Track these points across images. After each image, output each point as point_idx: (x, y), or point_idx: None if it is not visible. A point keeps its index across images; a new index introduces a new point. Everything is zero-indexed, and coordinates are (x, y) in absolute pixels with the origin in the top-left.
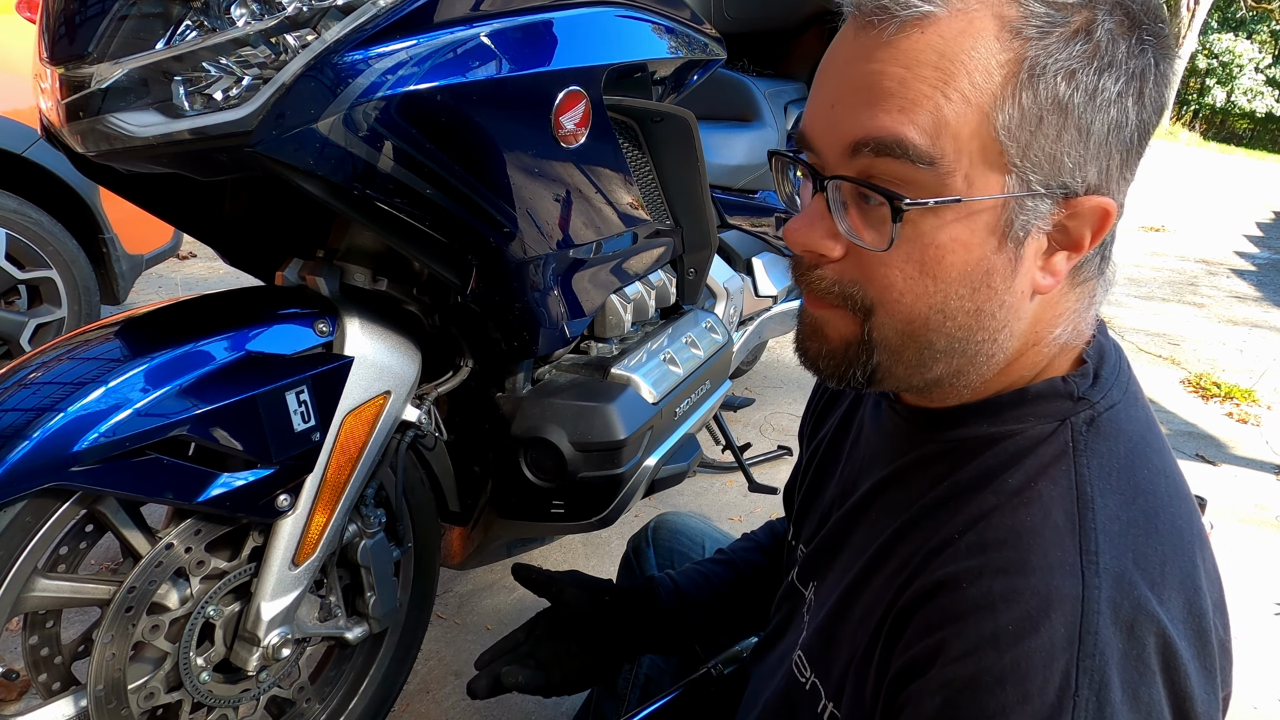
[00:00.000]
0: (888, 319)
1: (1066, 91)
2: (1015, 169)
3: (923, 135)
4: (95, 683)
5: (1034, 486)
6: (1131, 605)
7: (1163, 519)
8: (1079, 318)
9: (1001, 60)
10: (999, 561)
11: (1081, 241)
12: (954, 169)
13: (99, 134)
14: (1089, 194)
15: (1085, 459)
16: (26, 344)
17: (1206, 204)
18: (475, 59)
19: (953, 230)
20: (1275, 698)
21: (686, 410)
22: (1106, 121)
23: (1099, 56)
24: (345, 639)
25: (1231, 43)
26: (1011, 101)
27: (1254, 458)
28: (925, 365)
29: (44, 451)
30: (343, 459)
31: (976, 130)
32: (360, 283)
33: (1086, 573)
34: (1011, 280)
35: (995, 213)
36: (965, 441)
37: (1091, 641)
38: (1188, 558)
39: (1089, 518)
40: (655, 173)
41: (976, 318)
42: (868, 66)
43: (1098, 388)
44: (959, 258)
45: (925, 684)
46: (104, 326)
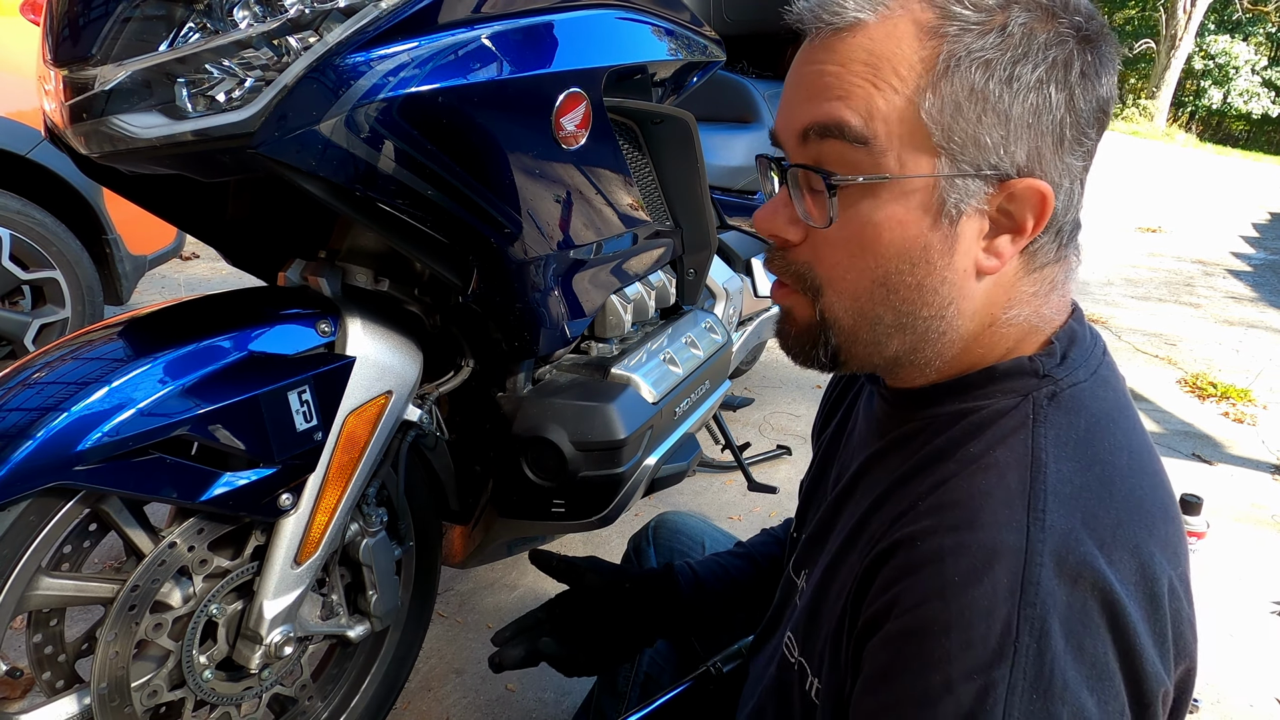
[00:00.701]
0: (836, 297)
1: (982, 80)
2: (943, 151)
3: (856, 118)
4: (99, 681)
5: (991, 454)
6: (1076, 560)
7: (1119, 487)
8: (1038, 301)
9: (922, 55)
10: (951, 520)
11: (1024, 225)
12: (886, 149)
13: (102, 135)
14: (1021, 176)
15: (1043, 429)
16: (30, 344)
17: (1203, 205)
18: (476, 61)
19: (889, 209)
20: (1272, 696)
21: (686, 410)
22: (1026, 106)
23: (1013, 48)
24: (347, 637)
25: (1228, 44)
26: (933, 90)
27: (1250, 457)
28: (879, 342)
29: (48, 451)
30: (345, 458)
31: (904, 116)
32: (362, 283)
33: (1032, 528)
34: (950, 257)
35: (927, 192)
36: (937, 417)
37: (1033, 591)
38: (1144, 526)
39: (1040, 480)
40: (655, 174)
41: (919, 293)
42: (812, 68)
43: (1064, 367)
44: (896, 234)
45: (882, 637)
46: (107, 327)
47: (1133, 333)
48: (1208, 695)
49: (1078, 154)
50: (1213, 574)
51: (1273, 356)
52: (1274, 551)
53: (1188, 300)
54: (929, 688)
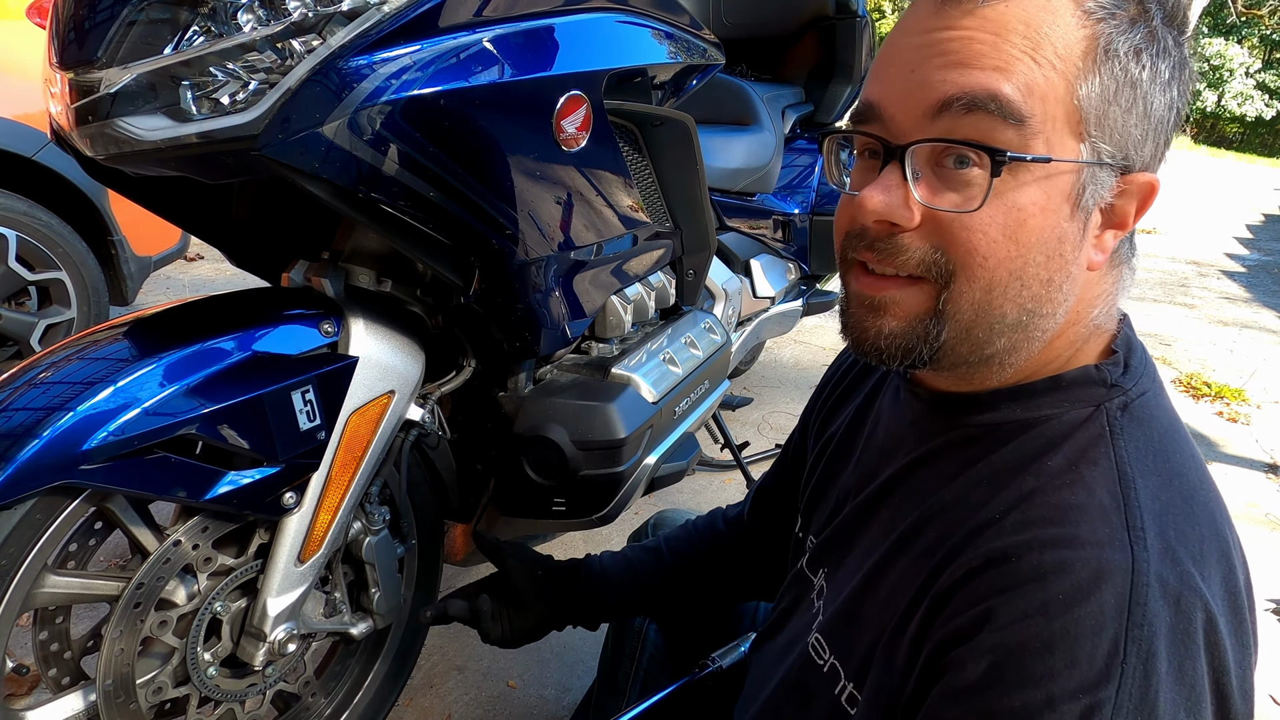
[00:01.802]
0: (968, 286)
1: (1136, 70)
2: (1090, 138)
3: (1016, 92)
4: (104, 677)
5: (1076, 469)
6: (1178, 579)
7: (1198, 500)
8: (1111, 300)
9: (1080, 35)
10: (1048, 536)
11: (1127, 219)
12: (1039, 130)
13: (108, 138)
14: (1142, 170)
15: (1122, 442)
16: (36, 344)
17: (1197, 207)
18: (478, 64)
19: (1032, 193)
20: (1266, 693)
21: (686, 409)
22: (1165, 102)
23: (1156, 41)
24: (350, 634)
25: (1222, 47)
26: (1093, 73)
27: (1244, 456)
28: (989, 340)
29: (54, 450)
30: (347, 457)
31: (1061, 97)
32: (365, 284)
33: (1135, 546)
34: (1080, 250)
35: (1070, 179)
36: (999, 426)
37: (1141, 612)
38: (1223, 537)
39: (1132, 496)
40: (655, 176)
41: (1048, 287)
42: (955, 33)
43: (1129, 376)
44: (1038, 222)
45: (971, 648)
46: (113, 327)
47: None
48: None
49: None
50: None
51: (1266, 357)
52: (1268, 550)
53: (1182, 301)
54: (1028, 703)
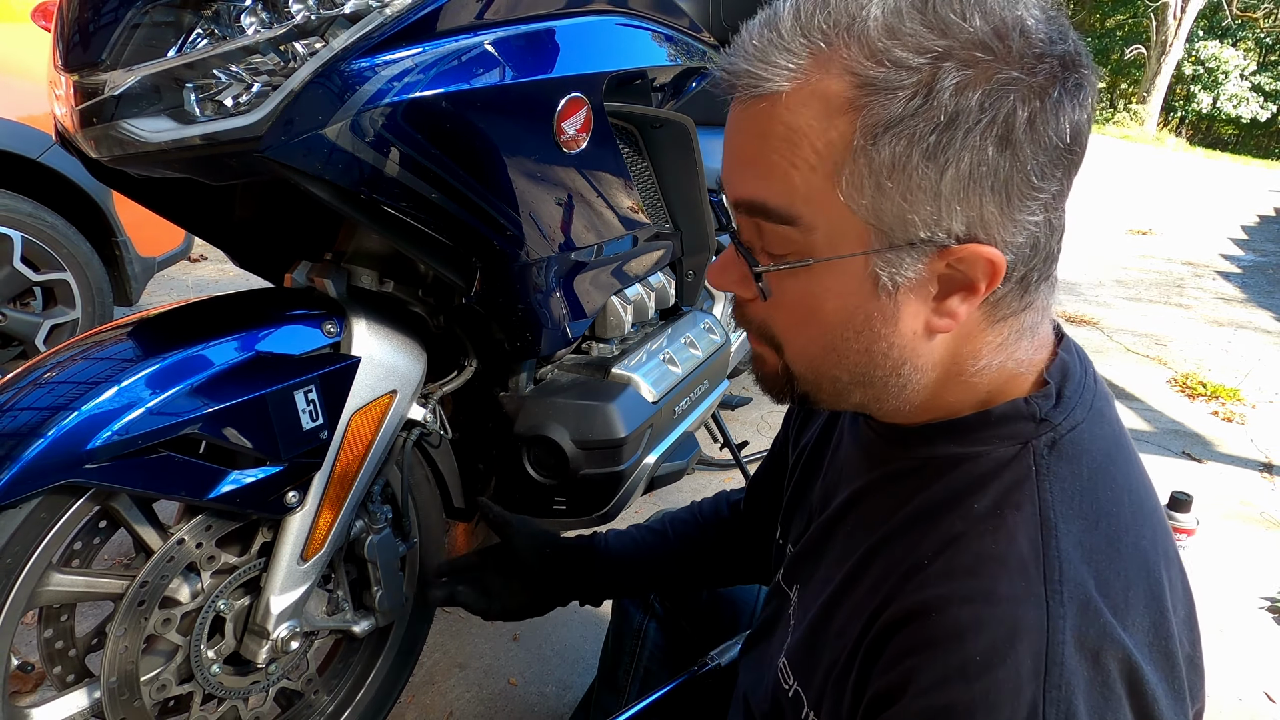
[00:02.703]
0: (794, 355)
1: (904, 153)
2: (871, 228)
3: (778, 199)
4: (108, 675)
5: (1000, 514)
6: (1096, 633)
7: (1126, 542)
8: (1009, 349)
9: (840, 131)
10: (966, 590)
11: (975, 286)
12: (814, 226)
13: (112, 139)
14: (962, 244)
15: (1048, 483)
16: (41, 344)
17: (1193, 208)
18: (479, 66)
19: (825, 282)
20: (1261, 690)
21: (685, 409)
22: (958, 174)
23: (939, 113)
24: (352, 632)
25: (1217, 50)
26: (851, 168)
27: (1239, 455)
28: (842, 394)
29: (58, 449)
30: (350, 457)
31: (825, 195)
32: (367, 284)
33: (1051, 602)
34: (894, 325)
35: (860, 266)
36: (934, 459)
37: (1058, 672)
38: (1153, 579)
39: (1053, 545)
40: (655, 177)
41: (868, 356)
42: (737, 137)
43: (1060, 408)
44: (835, 305)
45: (898, 712)
46: (117, 327)
47: (1124, 333)
48: None
49: (1033, 207)
50: (1202, 570)
51: (1261, 356)
52: (1263, 548)
53: (1178, 301)
54: None
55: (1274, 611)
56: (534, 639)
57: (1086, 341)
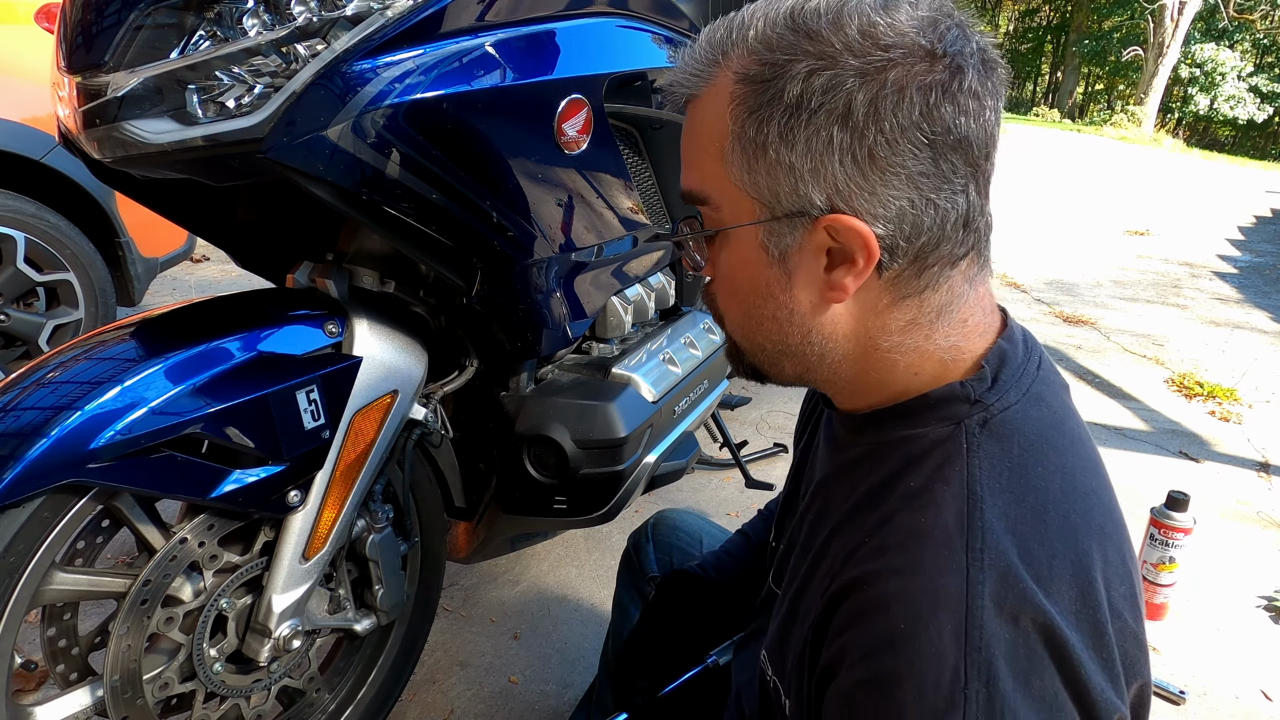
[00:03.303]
0: (731, 327)
1: (761, 135)
2: (755, 201)
3: (695, 184)
4: (111, 673)
5: (930, 490)
6: (1016, 598)
7: (1053, 515)
8: (924, 329)
9: (725, 122)
10: (895, 563)
11: (854, 259)
12: (720, 205)
13: (115, 141)
14: (829, 214)
15: (977, 459)
16: (45, 344)
17: (1189, 209)
18: (480, 68)
19: (735, 253)
20: (1258, 688)
21: (685, 409)
22: (807, 148)
23: (790, 97)
24: (354, 631)
25: (1214, 52)
26: (730, 152)
27: (1236, 454)
28: (775, 364)
29: (62, 449)
30: (352, 456)
31: (721, 175)
32: (369, 285)
33: (971, 570)
34: (790, 292)
35: (754, 237)
36: (880, 445)
37: (978, 635)
38: (1081, 551)
39: (977, 517)
40: (655, 178)
41: (775, 323)
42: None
43: (995, 390)
44: (743, 274)
45: (835, 689)
46: (120, 328)
47: (1121, 333)
48: (1194, 688)
49: (893, 182)
50: (1199, 569)
51: (1258, 356)
52: (1259, 547)
53: (1175, 301)
54: None
55: (1270, 610)
56: (534, 638)
57: (1084, 341)
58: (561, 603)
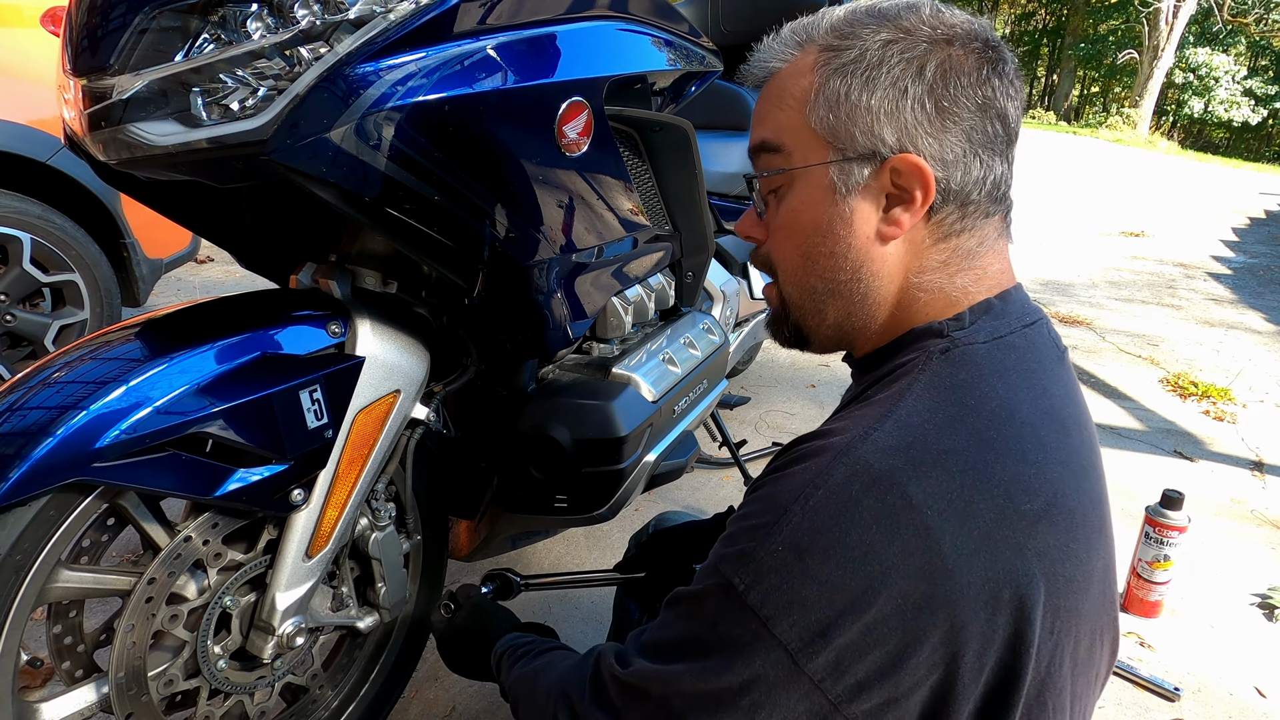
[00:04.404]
0: (784, 277)
1: (846, 87)
2: (830, 145)
3: (770, 133)
4: (116, 670)
5: (882, 395)
6: (883, 469)
7: (965, 424)
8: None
9: (809, 82)
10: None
11: (914, 196)
12: (793, 151)
13: (120, 143)
14: (895, 154)
15: (926, 376)
16: (50, 345)
17: (1184, 210)
18: (482, 71)
19: (800, 195)
20: (1251, 685)
21: (685, 408)
22: (883, 98)
23: (870, 59)
24: (357, 628)
25: (1208, 56)
26: (814, 102)
27: (1230, 454)
28: (821, 311)
29: (67, 448)
30: (354, 455)
31: (799, 125)
32: (371, 286)
33: (859, 439)
34: (850, 227)
35: (824, 176)
36: (876, 378)
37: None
38: (981, 461)
39: (894, 409)
40: (655, 180)
41: (832, 259)
42: (756, 105)
43: (966, 331)
44: (807, 214)
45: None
46: (125, 328)
47: (1116, 334)
48: (1188, 684)
49: (953, 130)
50: (1194, 567)
51: (1252, 356)
52: (1253, 545)
53: (1169, 302)
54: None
55: (1264, 607)
56: None
57: (1080, 341)
58: (562, 600)
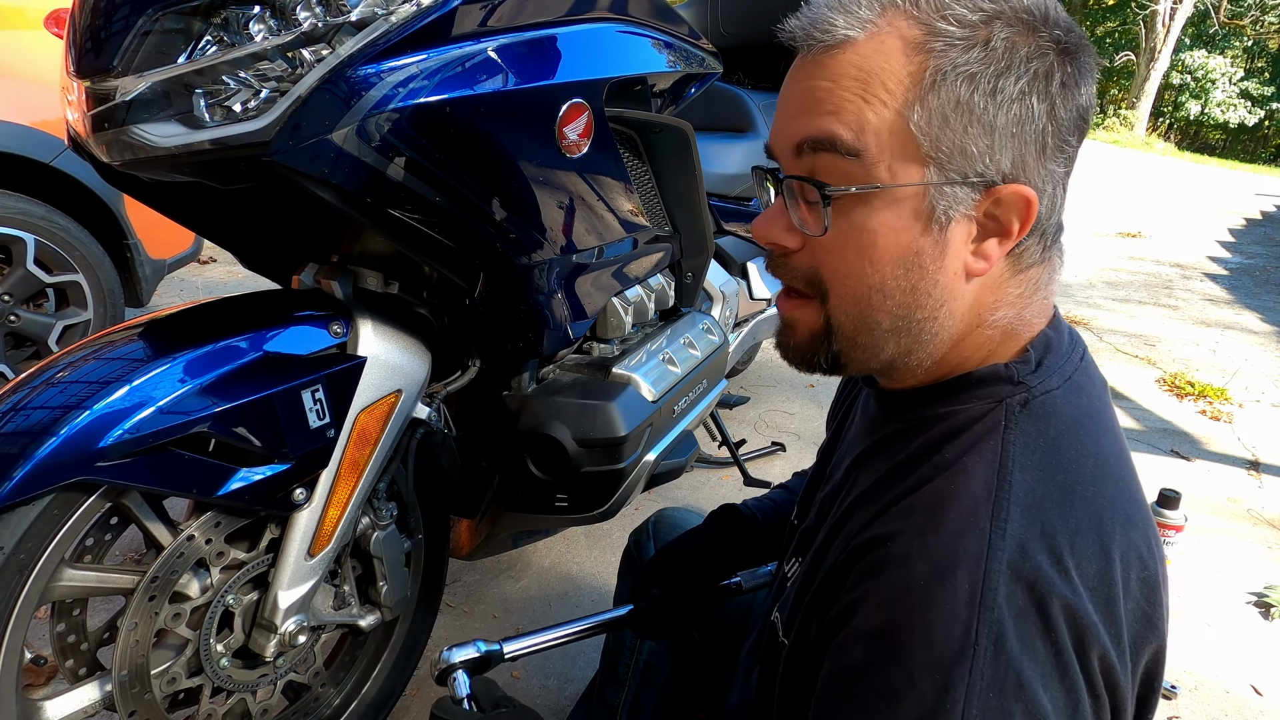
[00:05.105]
0: (839, 302)
1: (967, 92)
2: (932, 161)
3: (848, 131)
4: (120, 668)
5: (964, 459)
6: (1032, 569)
7: (1079, 496)
8: (1022, 303)
9: (910, 71)
10: (919, 523)
11: (1010, 228)
12: (878, 161)
13: (123, 144)
14: (1007, 182)
15: (1013, 436)
16: (54, 345)
17: (1181, 211)
18: (483, 72)
19: (881, 216)
20: (1247, 683)
21: (684, 408)
22: (1010, 116)
23: (996, 62)
24: (359, 626)
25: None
26: (921, 103)
27: (1226, 453)
28: (877, 346)
29: (71, 447)
30: (356, 454)
31: (894, 128)
32: (373, 286)
33: (994, 536)
34: (941, 261)
35: (918, 199)
36: (919, 421)
37: (991, 597)
38: (1104, 533)
39: (1004, 489)
40: (655, 181)
41: (913, 295)
42: (804, 84)
43: (1038, 374)
44: (890, 240)
45: (852, 632)
46: (128, 328)
47: (1113, 334)
48: (1185, 682)
49: (1059, 160)
50: (1191, 566)
51: (1248, 356)
52: (1249, 544)
53: (1166, 302)
54: (893, 680)
55: (1260, 606)
56: None
57: None
58: (563, 599)
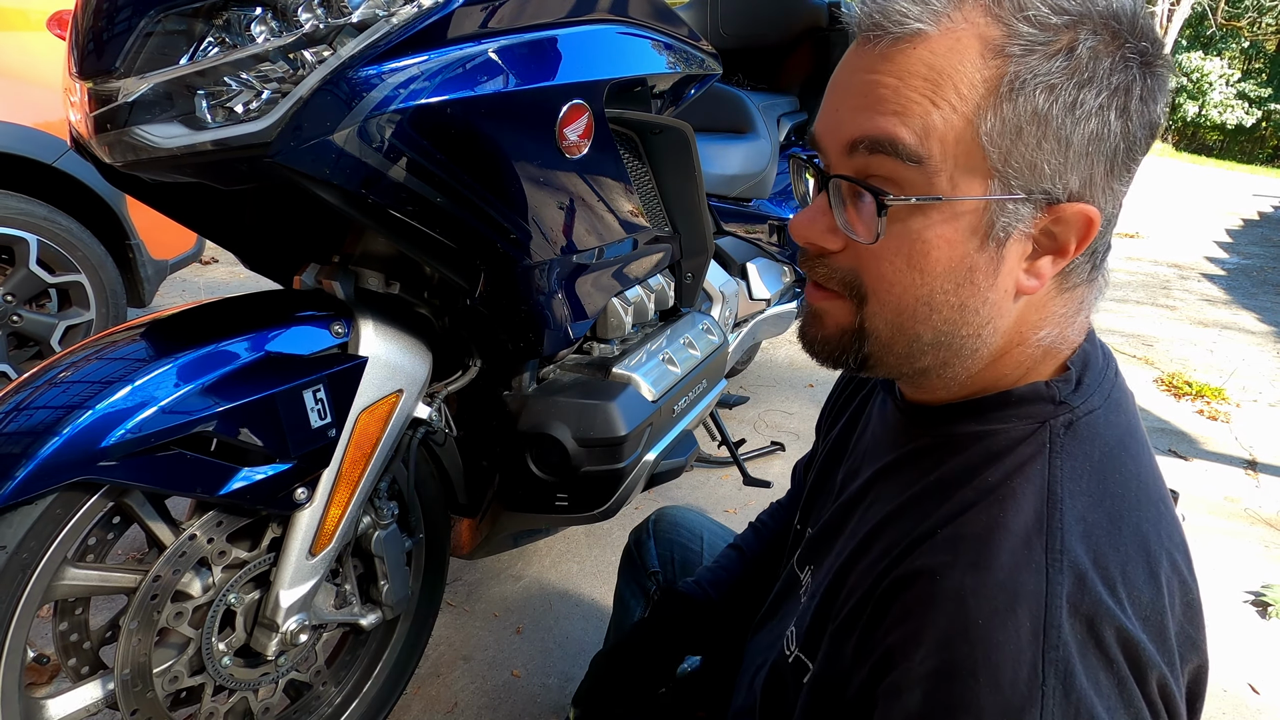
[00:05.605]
0: (879, 309)
1: (1045, 104)
2: (997, 174)
3: (912, 136)
4: (122, 667)
5: (1009, 484)
6: (1091, 601)
7: (1127, 522)
8: (1065, 322)
9: (985, 75)
10: (970, 556)
11: (1067, 247)
12: (940, 170)
13: (125, 145)
14: (1071, 201)
15: (1060, 460)
16: (56, 345)
17: (1179, 212)
18: (483, 74)
19: (938, 228)
20: (1245, 681)
21: (684, 408)
22: (1086, 132)
23: (1079, 72)
24: (360, 625)
25: (1201, 60)
26: (994, 112)
27: (1224, 453)
28: (913, 356)
29: (73, 447)
30: (357, 454)
31: (961, 136)
32: (374, 286)
33: (1051, 570)
34: (994, 279)
35: (978, 214)
36: (954, 437)
37: (1055, 635)
38: (1152, 559)
39: (1056, 518)
40: (654, 182)
41: (960, 312)
42: (867, 76)
43: (1079, 393)
44: (944, 254)
45: (904, 675)
46: (130, 328)
47: (1111, 334)
48: None
49: (1125, 179)
50: None
51: (1245, 356)
52: (1246, 543)
53: (1164, 303)
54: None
55: (1257, 605)
56: (537, 632)
57: None
58: (563, 598)
